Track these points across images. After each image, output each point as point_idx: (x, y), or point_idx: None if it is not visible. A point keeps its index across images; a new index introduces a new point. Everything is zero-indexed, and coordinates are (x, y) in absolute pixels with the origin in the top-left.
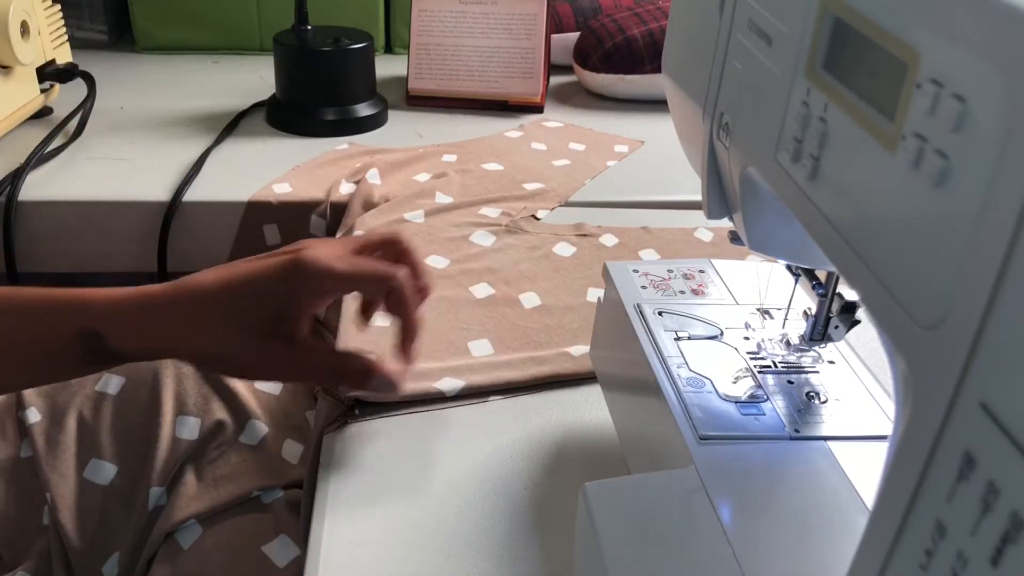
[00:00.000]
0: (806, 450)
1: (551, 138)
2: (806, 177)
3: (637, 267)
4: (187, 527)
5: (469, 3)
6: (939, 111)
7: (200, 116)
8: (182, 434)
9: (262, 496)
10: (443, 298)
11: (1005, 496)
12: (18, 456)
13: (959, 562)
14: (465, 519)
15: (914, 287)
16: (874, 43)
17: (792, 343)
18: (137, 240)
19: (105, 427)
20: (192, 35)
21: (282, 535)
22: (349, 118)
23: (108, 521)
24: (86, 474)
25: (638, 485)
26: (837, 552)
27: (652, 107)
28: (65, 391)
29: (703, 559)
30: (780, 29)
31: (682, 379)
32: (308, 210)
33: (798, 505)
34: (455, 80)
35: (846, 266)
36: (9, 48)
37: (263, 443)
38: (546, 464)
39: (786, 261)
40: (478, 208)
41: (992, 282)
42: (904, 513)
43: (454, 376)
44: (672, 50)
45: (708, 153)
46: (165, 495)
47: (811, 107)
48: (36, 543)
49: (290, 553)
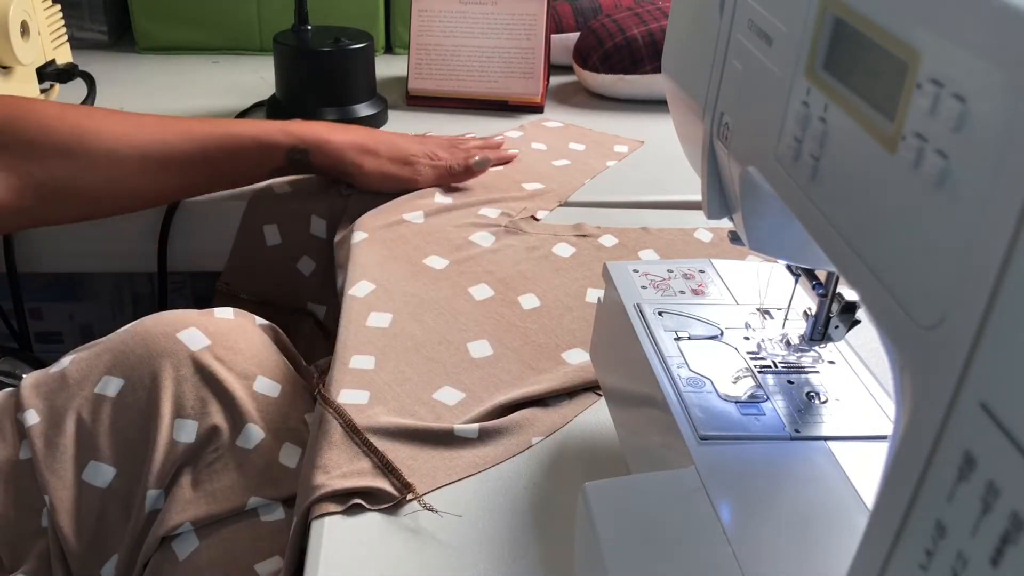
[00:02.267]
0: (806, 450)
1: (551, 138)
2: (806, 177)
3: (637, 267)
4: (184, 536)
5: (469, 3)
6: (939, 111)
7: (200, 116)
8: (180, 437)
9: (261, 512)
10: (442, 299)
11: (1005, 496)
12: (17, 458)
13: (959, 562)
14: (465, 519)
15: (914, 287)
16: (874, 43)
17: (792, 343)
18: (137, 240)
19: (104, 429)
20: (192, 35)
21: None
22: (349, 118)
23: (107, 524)
24: (85, 476)
25: (638, 485)
26: (837, 552)
27: (652, 107)
28: (64, 393)
29: (703, 559)
30: (780, 29)
31: (682, 379)
32: (309, 210)
33: (798, 505)
34: (455, 80)
35: (846, 266)
36: (9, 48)
37: (260, 447)
38: (546, 464)
39: (786, 261)
40: (477, 208)
41: (992, 282)
42: (904, 513)
43: (454, 387)
44: (672, 50)
45: (708, 153)
46: (162, 498)
47: (811, 107)
48: (35, 545)
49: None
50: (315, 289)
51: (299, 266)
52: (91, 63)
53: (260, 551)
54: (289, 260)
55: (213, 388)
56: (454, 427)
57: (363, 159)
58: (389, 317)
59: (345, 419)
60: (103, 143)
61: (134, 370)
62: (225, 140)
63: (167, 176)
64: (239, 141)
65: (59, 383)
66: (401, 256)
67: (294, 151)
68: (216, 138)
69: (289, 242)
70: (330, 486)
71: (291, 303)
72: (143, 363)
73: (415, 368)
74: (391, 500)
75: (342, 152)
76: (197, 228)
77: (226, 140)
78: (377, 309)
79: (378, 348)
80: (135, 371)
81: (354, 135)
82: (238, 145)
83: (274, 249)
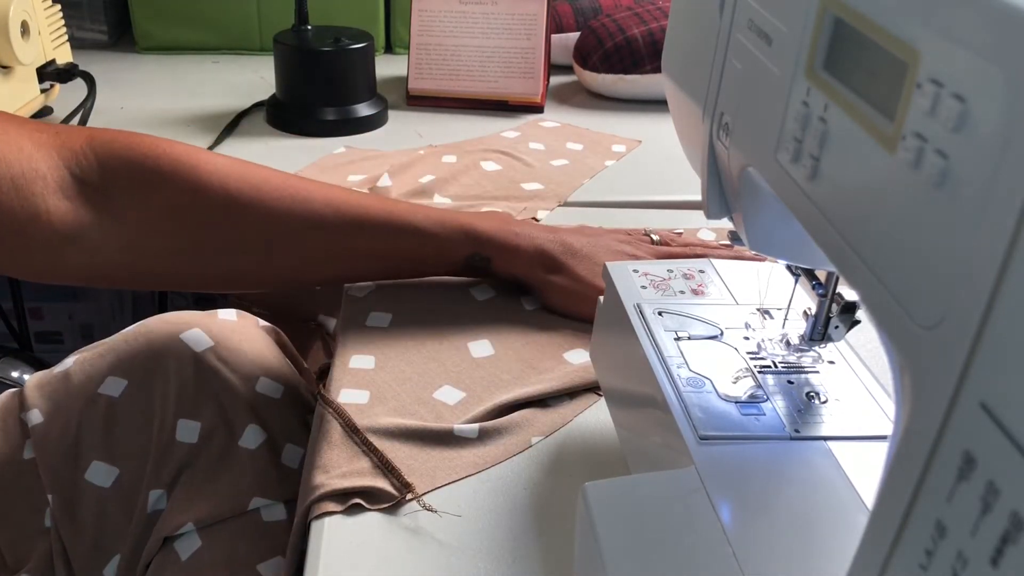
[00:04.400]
0: (806, 450)
1: (549, 138)
2: (806, 177)
3: (637, 267)
4: (186, 536)
5: (469, 3)
6: (939, 111)
7: (200, 116)
8: (182, 437)
9: (263, 512)
10: (443, 298)
11: (1005, 496)
12: (20, 457)
13: (959, 562)
14: (465, 519)
15: (914, 287)
16: (874, 43)
17: (792, 343)
18: None
19: (107, 430)
20: (192, 35)
21: (279, 557)
22: (349, 118)
23: (109, 524)
24: (87, 476)
25: (638, 485)
26: (837, 552)
27: (652, 107)
28: (67, 393)
29: (703, 559)
30: (780, 29)
31: (682, 379)
32: None
33: (798, 505)
34: (455, 80)
35: (846, 266)
36: (9, 48)
37: (262, 448)
38: (546, 464)
39: (786, 261)
40: (478, 209)
41: (992, 282)
42: (904, 513)
43: (454, 387)
44: (672, 50)
45: (708, 153)
46: (164, 498)
47: (811, 107)
48: (38, 545)
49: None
50: (326, 301)
51: None
52: (91, 63)
53: (262, 551)
54: None
55: (215, 389)
56: (454, 427)
57: (549, 275)
58: (389, 317)
59: (345, 419)
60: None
61: (137, 371)
62: (399, 226)
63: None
64: (414, 232)
65: (63, 383)
66: None
67: (474, 258)
68: (388, 221)
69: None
70: (330, 486)
71: (302, 315)
72: (146, 364)
73: (415, 368)
74: (391, 500)
75: (529, 262)
76: None
77: (400, 226)
78: (377, 309)
79: (378, 348)
80: (138, 372)
81: (546, 241)
82: (414, 236)
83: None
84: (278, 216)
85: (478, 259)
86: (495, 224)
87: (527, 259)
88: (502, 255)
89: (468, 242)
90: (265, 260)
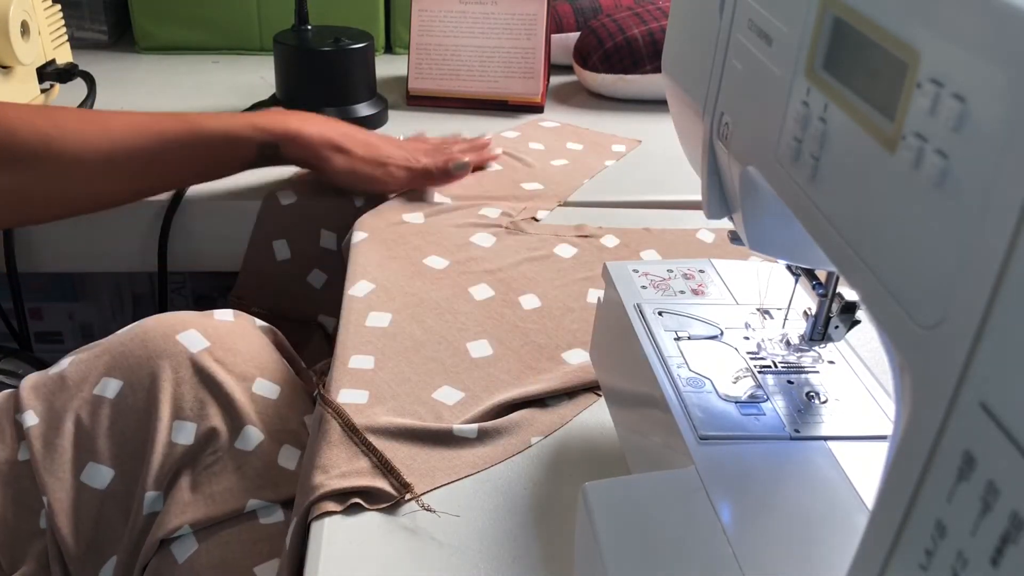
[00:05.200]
0: (806, 450)
1: (549, 138)
2: (806, 177)
3: (637, 267)
4: (182, 538)
5: (469, 3)
6: (939, 111)
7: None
8: (178, 439)
9: (260, 514)
10: (442, 298)
11: (1005, 496)
12: (16, 459)
13: (959, 562)
14: (464, 519)
15: (914, 287)
16: (874, 43)
17: (792, 343)
18: (137, 240)
19: (102, 431)
20: (192, 35)
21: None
22: (349, 118)
23: (105, 526)
24: (83, 478)
25: (638, 485)
26: (837, 552)
27: (652, 107)
28: (63, 394)
29: (703, 559)
30: (780, 29)
31: (682, 379)
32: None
33: (798, 505)
34: (455, 80)
35: (846, 266)
36: (9, 48)
37: (259, 449)
38: (546, 464)
39: (786, 261)
40: (478, 208)
41: (992, 282)
42: (904, 513)
43: (454, 387)
44: (672, 50)
45: (708, 153)
46: (161, 500)
47: (811, 107)
48: (33, 547)
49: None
50: (326, 301)
51: (310, 279)
52: (91, 63)
53: (259, 553)
54: (299, 274)
55: (212, 390)
56: (453, 427)
57: (334, 155)
58: (389, 317)
59: (344, 419)
60: (68, 149)
61: (133, 371)
62: (193, 137)
63: (136, 176)
64: (208, 138)
65: (58, 384)
66: (401, 256)
67: (265, 146)
68: (184, 135)
69: (299, 256)
70: (329, 486)
71: (302, 315)
72: (142, 364)
73: (414, 368)
74: (390, 500)
75: (314, 146)
76: (197, 228)
77: (194, 137)
78: (377, 309)
79: (377, 348)
80: (134, 372)
81: (329, 130)
82: (207, 142)
83: (284, 263)
84: (85, 146)
85: (268, 148)
86: (280, 116)
87: (312, 144)
88: (289, 143)
89: (256, 133)
90: (84, 184)
